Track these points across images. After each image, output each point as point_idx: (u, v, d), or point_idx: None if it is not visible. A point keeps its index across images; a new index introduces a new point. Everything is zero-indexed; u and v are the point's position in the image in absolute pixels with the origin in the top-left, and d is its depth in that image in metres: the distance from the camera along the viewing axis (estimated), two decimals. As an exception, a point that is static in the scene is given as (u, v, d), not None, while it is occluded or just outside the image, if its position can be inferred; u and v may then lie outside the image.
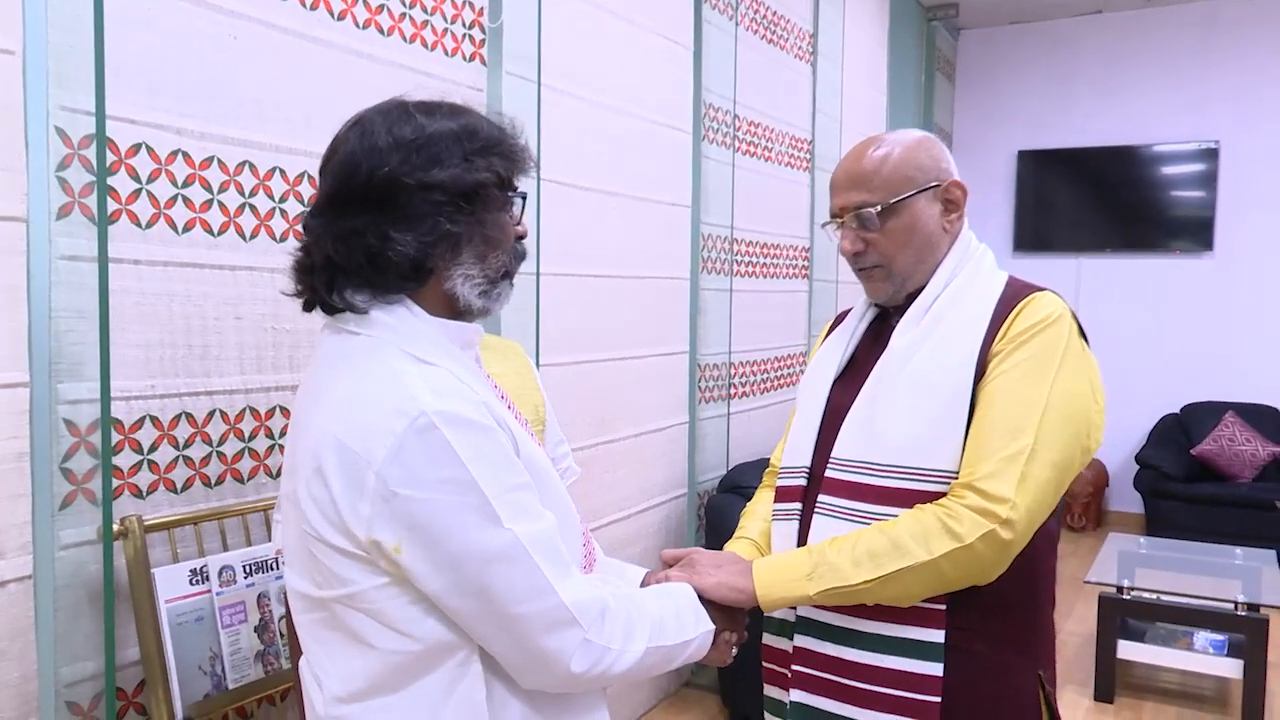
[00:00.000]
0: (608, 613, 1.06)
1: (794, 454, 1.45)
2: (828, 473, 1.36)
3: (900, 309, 1.41)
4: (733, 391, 3.76)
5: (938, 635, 1.27)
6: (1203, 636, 3.45)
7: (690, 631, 1.19)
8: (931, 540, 1.20)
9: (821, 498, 1.36)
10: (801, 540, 1.38)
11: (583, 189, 2.78)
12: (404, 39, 2.16)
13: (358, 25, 2.04)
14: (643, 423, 3.17)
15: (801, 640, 1.37)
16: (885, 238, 1.37)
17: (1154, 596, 3.44)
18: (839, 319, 1.57)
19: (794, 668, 1.38)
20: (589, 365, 2.84)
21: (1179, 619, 3.41)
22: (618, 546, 3.08)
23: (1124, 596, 3.44)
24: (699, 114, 3.40)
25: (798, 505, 1.41)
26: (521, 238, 1.13)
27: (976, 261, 1.40)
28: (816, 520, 1.37)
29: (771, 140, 3.95)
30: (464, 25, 2.35)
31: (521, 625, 1.00)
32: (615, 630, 1.06)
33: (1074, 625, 4.20)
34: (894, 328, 1.39)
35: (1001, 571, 1.24)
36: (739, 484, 3.38)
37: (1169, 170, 5.88)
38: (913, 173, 1.36)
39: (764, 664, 1.46)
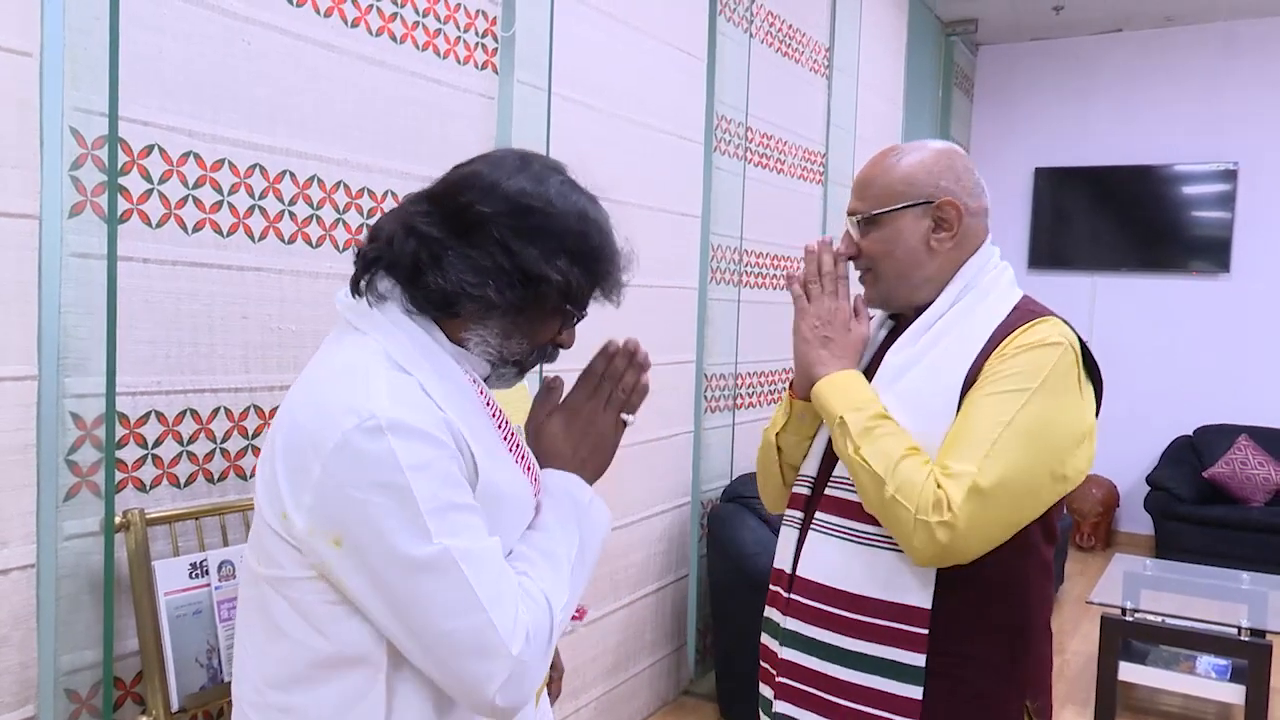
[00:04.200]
0: (537, 634, 1.01)
1: (809, 461, 1.46)
2: (826, 490, 1.37)
3: (910, 322, 1.40)
4: (738, 402, 3.78)
5: (919, 659, 1.27)
6: (1205, 661, 3.43)
7: (591, 539, 1.16)
8: (906, 490, 1.22)
9: (819, 514, 1.37)
10: (799, 548, 1.40)
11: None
12: (416, 46, 2.20)
13: (370, 32, 2.08)
14: (647, 431, 3.18)
15: (788, 654, 1.38)
16: (868, 246, 1.40)
17: (1158, 619, 3.42)
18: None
19: (779, 680, 1.39)
20: (594, 372, 2.86)
21: (1182, 642, 3.39)
22: (620, 554, 3.09)
23: (1127, 618, 3.42)
24: (711, 125, 3.42)
25: (800, 514, 1.43)
26: (560, 345, 1.14)
27: (992, 281, 1.38)
28: (810, 537, 1.38)
29: (784, 152, 3.96)
30: (476, 34, 2.38)
31: (445, 643, 0.97)
32: (540, 648, 1.01)
33: (1077, 645, 4.17)
34: None
35: (929, 565, 1.24)
36: (742, 494, 3.39)
37: (1187, 190, 5.86)
38: (903, 188, 1.37)
39: (760, 662, 1.48)
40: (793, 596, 1.38)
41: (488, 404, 1.09)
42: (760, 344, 3.90)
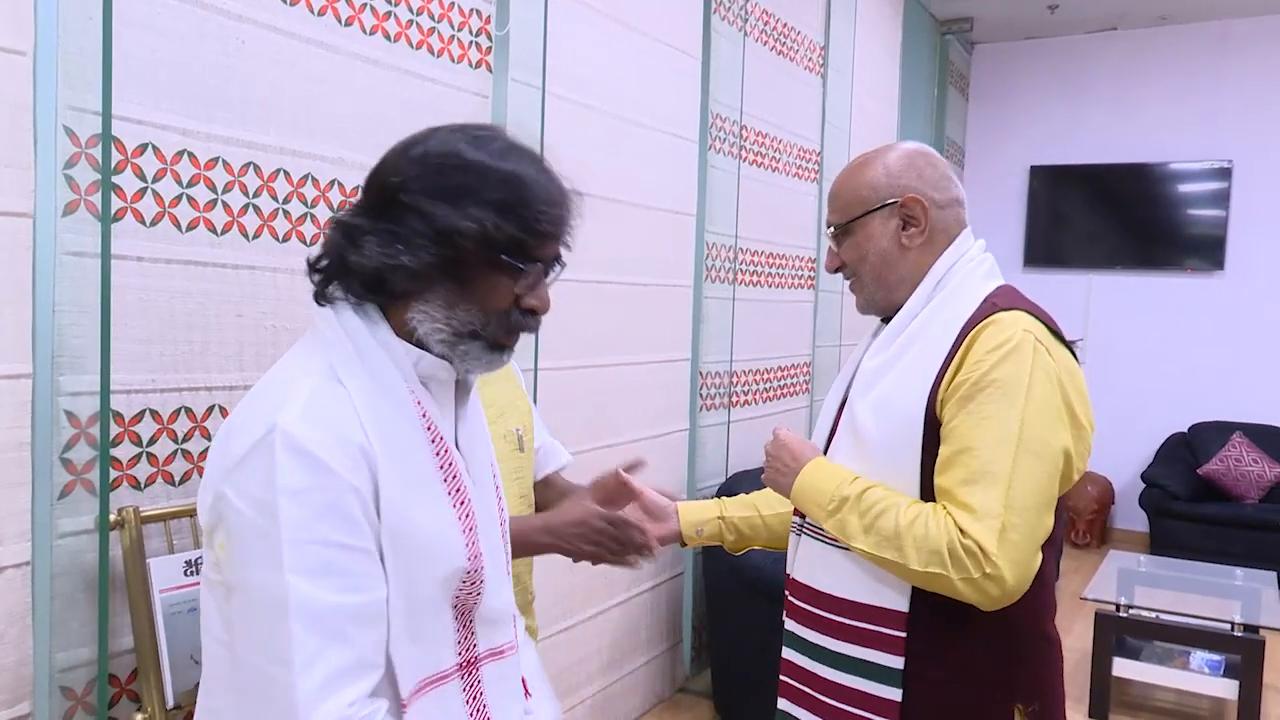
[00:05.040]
0: None
1: None
2: None
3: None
4: (734, 400, 3.78)
5: (896, 661, 1.29)
6: (1199, 656, 3.45)
7: None
8: (927, 556, 1.21)
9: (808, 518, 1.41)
10: (798, 551, 1.44)
11: (587, 196, 2.80)
12: (410, 45, 2.20)
13: (365, 31, 2.08)
14: (642, 429, 3.19)
15: (788, 654, 1.43)
16: (845, 255, 1.43)
17: (1152, 615, 3.44)
18: None
19: (781, 678, 1.44)
20: (589, 370, 2.87)
21: (1176, 638, 3.41)
22: (614, 551, 3.10)
23: (1121, 614, 3.44)
24: (705, 123, 3.42)
25: (799, 520, 1.45)
26: (529, 310, 1.04)
27: (965, 276, 1.37)
28: (802, 540, 1.42)
29: (779, 151, 3.97)
30: (470, 32, 2.38)
31: (248, 676, 0.94)
32: None
33: (1072, 641, 4.19)
34: None
35: (994, 609, 1.24)
36: (737, 492, 3.39)
37: (1182, 188, 5.87)
38: (866, 193, 1.39)
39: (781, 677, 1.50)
40: (790, 599, 1.44)
41: (429, 428, 1.03)
42: (755, 342, 3.90)
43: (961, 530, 1.20)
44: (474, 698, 1.05)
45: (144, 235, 1.69)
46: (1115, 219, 6.02)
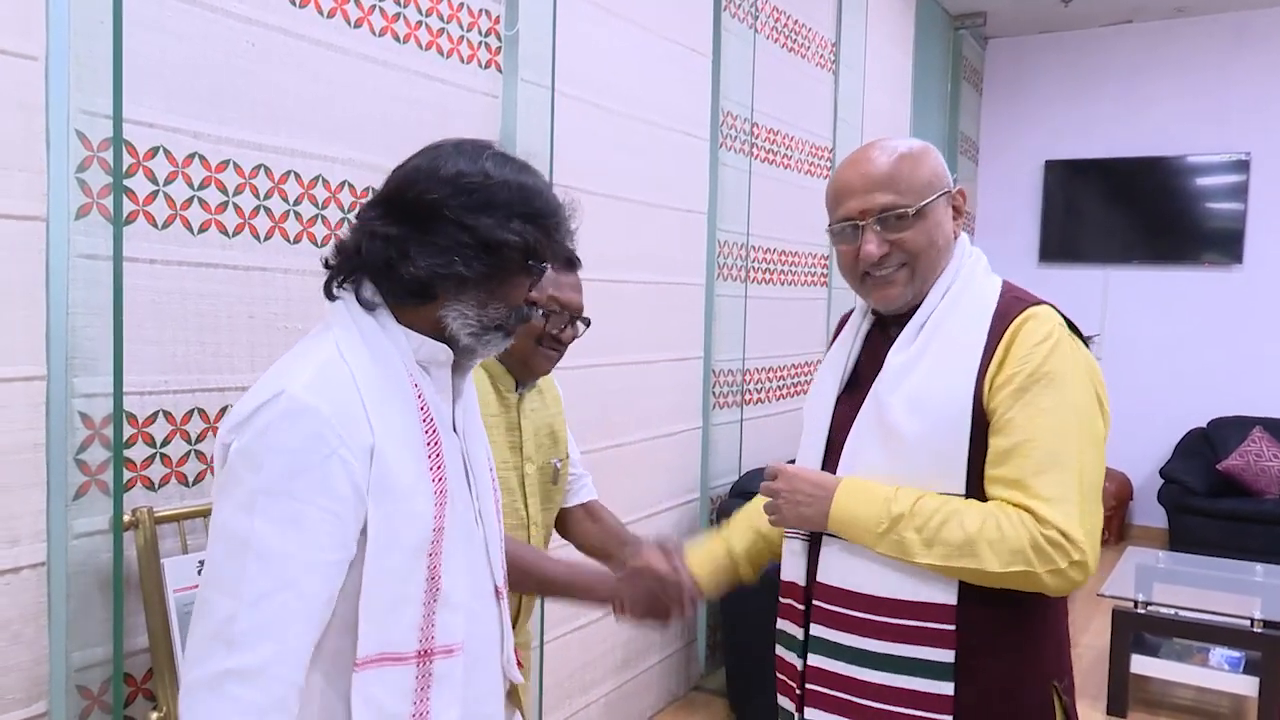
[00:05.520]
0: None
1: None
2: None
3: (900, 319, 1.39)
4: (746, 398, 3.78)
5: (948, 655, 1.27)
6: (1219, 653, 3.42)
7: None
8: (1009, 557, 1.21)
9: None
10: (812, 564, 1.38)
11: (598, 195, 2.81)
12: (420, 46, 2.21)
13: (374, 33, 2.09)
14: (655, 427, 3.19)
15: (815, 660, 1.36)
16: (913, 240, 1.35)
17: (1170, 612, 3.41)
18: (843, 320, 1.56)
19: (808, 687, 1.37)
20: (602, 369, 2.87)
21: (1195, 635, 3.38)
22: (628, 549, 3.10)
23: (1139, 611, 3.41)
24: (716, 121, 3.42)
25: None
26: (533, 304, 1.18)
27: (970, 269, 1.39)
28: (826, 542, 1.36)
29: (791, 148, 3.96)
30: (480, 33, 2.39)
31: (204, 609, 0.99)
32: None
33: (1090, 639, 4.16)
34: (894, 339, 1.37)
35: (1063, 594, 1.27)
36: (751, 490, 3.39)
37: (1199, 182, 5.81)
38: (932, 177, 1.37)
39: (776, 674, 1.47)
40: (817, 604, 1.37)
41: (422, 407, 1.11)
42: (767, 339, 3.90)
43: (1039, 521, 1.21)
44: (423, 688, 1.09)
45: (156, 238, 1.70)
46: (1131, 213, 5.97)
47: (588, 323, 1.70)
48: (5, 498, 1.51)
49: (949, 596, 1.27)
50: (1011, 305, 1.33)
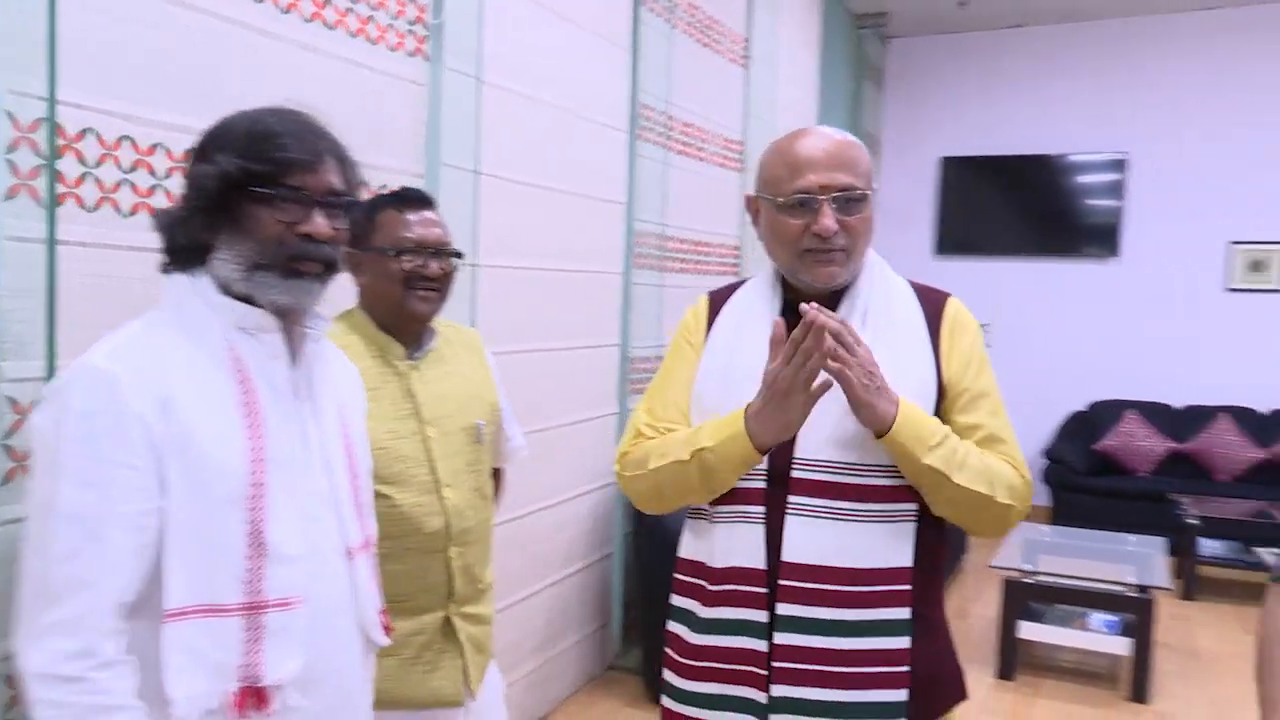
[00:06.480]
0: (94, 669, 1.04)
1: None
2: (795, 473, 1.37)
3: (825, 302, 1.38)
4: (663, 383, 3.87)
5: (904, 613, 1.38)
6: (1097, 617, 3.70)
7: None
8: (1007, 491, 1.39)
9: (793, 499, 1.37)
10: (773, 545, 1.37)
11: (521, 184, 2.86)
12: (349, 33, 2.22)
13: (304, 18, 2.10)
14: (573, 413, 3.26)
15: (785, 638, 1.37)
16: (857, 224, 1.40)
17: (1054, 580, 3.67)
18: (718, 300, 1.60)
19: (776, 665, 1.38)
20: (520, 355, 2.92)
21: (1076, 600, 3.65)
22: (548, 534, 3.17)
23: (1027, 580, 3.66)
24: (634, 113, 3.50)
25: (761, 508, 1.39)
26: (306, 236, 1.15)
27: (880, 262, 1.51)
28: (791, 522, 1.37)
29: (704, 140, 4.07)
30: (407, 21, 2.41)
31: (29, 577, 1.06)
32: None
33: (980, 609, 4.42)
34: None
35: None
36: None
37: (1081, 179, 6.18)
38: (870, 169, 1.47)
39: (720, 664, 1.43)
40: (784, 583, 1.37)
41: (237, 369, 1.16)
42: (683, 327, 3.99)
43: (1016, 468, 1.41)
44: (253, 640, 1.11)
45: (85, 220, 1.69)
46: (1021, 208, 6.30)
47: (459, 255, 1.71)
48: (-66, 483, 1.48)
49: (906, 559, 1.39)
50: (929, 292, 1.49)
